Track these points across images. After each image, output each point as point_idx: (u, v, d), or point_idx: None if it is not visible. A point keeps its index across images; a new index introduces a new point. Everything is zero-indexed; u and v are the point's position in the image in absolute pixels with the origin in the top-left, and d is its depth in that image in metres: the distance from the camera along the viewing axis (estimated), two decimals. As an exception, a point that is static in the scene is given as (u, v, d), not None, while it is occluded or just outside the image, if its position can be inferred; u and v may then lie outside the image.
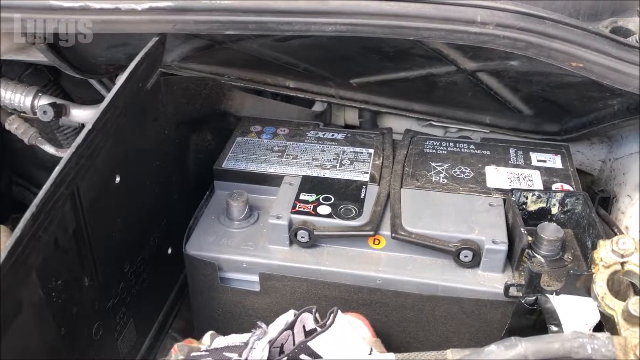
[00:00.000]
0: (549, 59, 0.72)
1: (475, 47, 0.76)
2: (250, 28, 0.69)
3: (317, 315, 0.65)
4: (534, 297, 0.71)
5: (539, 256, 0.78)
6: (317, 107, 1.19)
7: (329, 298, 0.80)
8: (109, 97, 0.65)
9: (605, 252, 0.59)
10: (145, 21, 0.69)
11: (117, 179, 0.78)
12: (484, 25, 0.70)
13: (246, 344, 0.62)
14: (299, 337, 0.64)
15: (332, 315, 0.62)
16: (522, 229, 0.75)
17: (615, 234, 0.92)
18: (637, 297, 0.54)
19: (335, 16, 0.69)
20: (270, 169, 0.91)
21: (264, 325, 0.64)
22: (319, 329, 0.62)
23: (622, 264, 0.58)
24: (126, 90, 0.71)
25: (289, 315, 0.66)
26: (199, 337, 0.73)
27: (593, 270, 0.61)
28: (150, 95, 0.84)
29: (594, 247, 0.72)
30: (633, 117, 0.86)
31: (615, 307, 0.57)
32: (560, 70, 0.73)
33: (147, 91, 0.83)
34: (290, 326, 0.64)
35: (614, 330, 0.61)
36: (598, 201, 0.99)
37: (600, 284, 0.58)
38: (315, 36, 0.78)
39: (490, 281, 0.77)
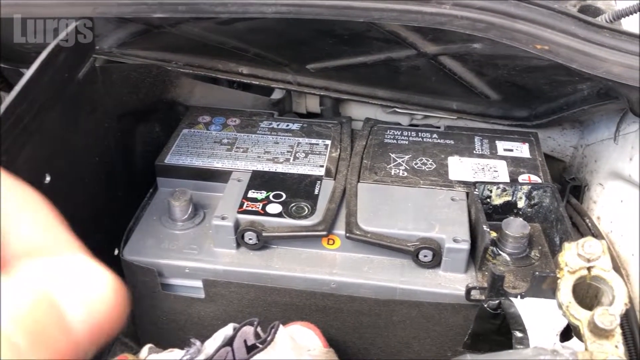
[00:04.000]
0: (512, 41, 0.66)
1: (435, 30, 0.69)
2: (180, 10, 0.62)
3: (258, 329, 0.59)
4: (497, 301, 0.66)
5: (504, 254, 0.73)
6: (276, 95, 1.12)
7: (279, 304, 0.74)
8: (13, 93, 0.58)
9: (570, 256, 0.53)
10: (62, 4, 0.62)
11: (47, 179, 0.71)
12: (440, 4, 0.64)
13: (178, 364, 0.56)
14: (240, 353, 0.58)
15: (272, 330, 0.56)
16: (484, 226, 0.69)
17: (587, 226, 0.88)
18: (604, 307, 0.49)
19: (275, -4, 0.62)
20: (218, 164, 0.84)
21: (197, 342, 0.58)
22: (259, 346, 0.56)
23: (589, 269, 0.53)
24: (44, 82, 0.64)
25: (227, 330, 0.60)
26: (142, 347, 0.67)
27: (558, 275, 0.55)
28: (84, 85, 0.77)
29: (562, 244, 0.67)
30: (603, 103, 0.80)
31: (580, 317, 0.51)
32: (525, 53, 0.68)
33: (79, 81, 0.76)
34: (229, 342, 0.58)
35: (581, 338, 0.56)
36: (569, 190, 0.94)
37: (564, 292, 0.53)
38: (261, 19, 0.72)
39: (451, 282, 0.71)
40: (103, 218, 0.85)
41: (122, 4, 0.62)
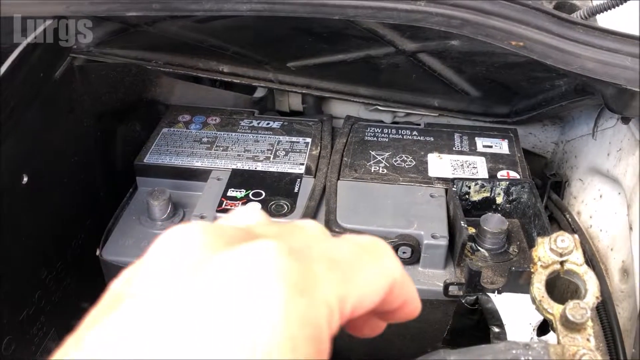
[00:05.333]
0: (487, 37, 0.66)
1: (412, 27, 0.70)
2: (154, 8, 0.62)
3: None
4: (474, 297, 0.66)
5: (482, 250, 0.73)
6: (258, 93, 1.12)
7: (258, 303, 0.73)
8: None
9: (543, 251, 0.53)
10: (34, 3, 0.61)
11: (25, 179, 0.70)
12: (415, 1, 0.64)
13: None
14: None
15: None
16: (462, 222, 0.69)
17: (567, 221, 0.88)
18: (576, 301, 0.49)
19: (249, -7, 0.62)
20: (197, 163, 0.83)
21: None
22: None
23: (562, 263, 0.53)
24: (17, 82, 0.64)
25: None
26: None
27: (532, 270, 0.56)
28: (61, 85, 0.77)
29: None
30: (580, 99, 0.81)
31: (553, 311, 0.51)
32: (502, 50, 0.68)
33: (56, 81, 0.75)
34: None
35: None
36: (550, 185, 0.95)
37: (537, 286, 0.53)
38: (239, 16, 0.71)
39: (430, 278, 0.71)
40: (84, 219, 0.84)
41: (95, 3, 0.61)
